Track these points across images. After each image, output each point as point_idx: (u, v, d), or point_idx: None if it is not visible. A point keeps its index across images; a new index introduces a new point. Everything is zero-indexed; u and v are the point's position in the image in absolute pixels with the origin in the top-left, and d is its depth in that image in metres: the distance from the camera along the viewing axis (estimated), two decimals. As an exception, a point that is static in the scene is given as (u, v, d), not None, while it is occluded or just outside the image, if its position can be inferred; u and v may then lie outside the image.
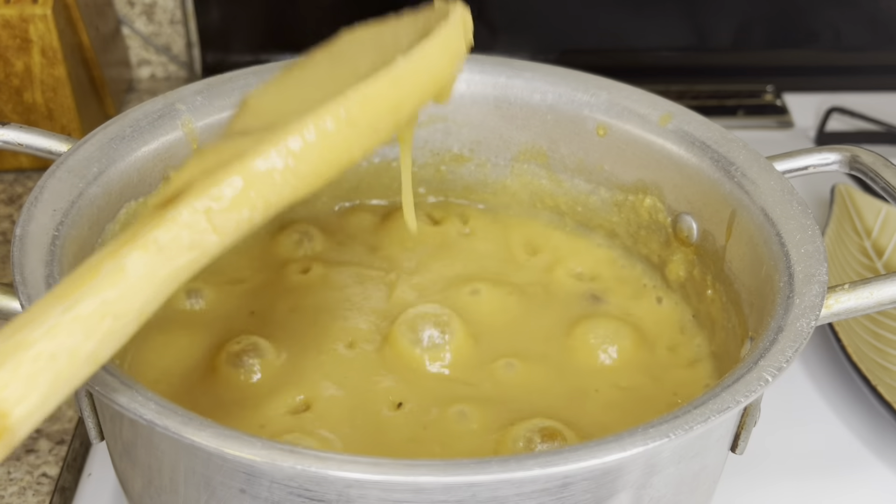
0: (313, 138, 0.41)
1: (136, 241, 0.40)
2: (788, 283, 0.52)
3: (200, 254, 0.41)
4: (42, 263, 0.50)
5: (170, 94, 0.63)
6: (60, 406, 0.68)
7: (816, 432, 0.72)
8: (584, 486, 0.44)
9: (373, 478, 0.40)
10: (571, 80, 0.67)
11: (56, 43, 0.85)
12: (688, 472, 0.49)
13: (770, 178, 0.59)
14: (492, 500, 0.43)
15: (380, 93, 0.43)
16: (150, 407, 0.43)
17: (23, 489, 0.63)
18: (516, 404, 0.57)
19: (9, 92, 0.87)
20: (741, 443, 0.54)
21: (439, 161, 0.72)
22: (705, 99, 1.07)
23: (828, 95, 1.08)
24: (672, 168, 0.64)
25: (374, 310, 0.62)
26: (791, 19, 1.08)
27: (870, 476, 0.69)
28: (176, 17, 1.07)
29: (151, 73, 1.11)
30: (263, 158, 0.41)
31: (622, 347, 0.61)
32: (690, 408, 0.44)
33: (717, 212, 0.61)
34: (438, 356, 0.58)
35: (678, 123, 0.64)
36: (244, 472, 0.44)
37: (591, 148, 0.68)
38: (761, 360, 0.47)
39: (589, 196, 0.69)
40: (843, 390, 0.74)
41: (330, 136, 0.42)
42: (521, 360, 0.59)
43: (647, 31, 1.08)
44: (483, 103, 0.69)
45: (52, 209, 0.53)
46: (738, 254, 0.59)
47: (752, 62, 1.11)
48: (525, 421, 0.54)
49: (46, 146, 0.59)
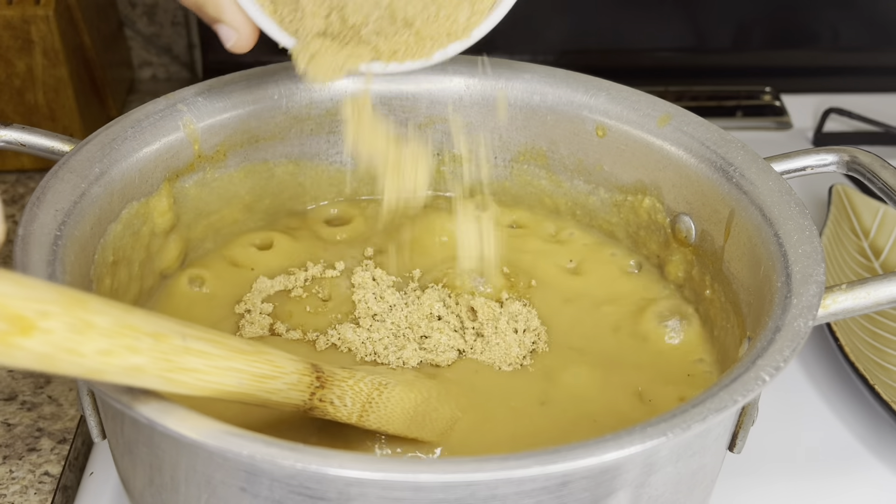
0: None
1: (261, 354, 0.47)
2: (786, 283, 0.52)
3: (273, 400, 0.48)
4: (44, 263, 0.50)
5: (171, 95, 0.64)
6: (62, 405, 0.68)
7: (814, 431, 0.72)
8: (582, 484, 0.44)
9: (373, 476, 0.41)
10: (571, 81, 0.68)
11: (58, 44, 0.85)
12: (686, 471, 0.50)
13: (768, 178, 0.59)
14: (491, 498, 0.43)
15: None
16: (151, 406, 0.43)
17: (25, 488, 0.63)
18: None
19: (10, 92, 0.87)
20: (739, 442, 0.54)
21: (439, 162, 0.72)
22: (704, 100, 1.07)
23: (826, 96, 1.08)
24: (671, 169, 0.64)
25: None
26: (789, 21, 1.08)
27: (867, 474, 0.69)
28: (177, 18, 1.07)
29: (153, 74, 1.11)
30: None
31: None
32: (688, 407, 0.44)
33: (716, 212, 0.61)
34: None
35: (677, 124, 0.64)
36: (244, 470, 0.44)
37: (590, 149, 0.68)
38: (759, 359, 0.47)
39: (588, 196, 0.70)
40: (840, 389, 0.75)
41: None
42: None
43: (646, 33, 1.08)
44: (483, 104, 0.69)
45: (54, 209, 0.53)
46: (736, 254, 0.60)
47: (751, 63, 1.11)
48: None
49: (48, 146, 0.60)
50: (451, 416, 0.55)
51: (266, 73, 0.66)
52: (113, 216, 0.58)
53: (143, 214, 0.61)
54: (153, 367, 0.41)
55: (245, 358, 0.46)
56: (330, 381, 0.50)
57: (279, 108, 0.67)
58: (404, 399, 0.52)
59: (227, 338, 0.46)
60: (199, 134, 0.64)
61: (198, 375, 0.43)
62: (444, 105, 0.70)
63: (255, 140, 0.67)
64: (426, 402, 0.54)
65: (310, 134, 0.69)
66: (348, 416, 0.51)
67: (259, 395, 0.47)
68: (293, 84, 0.67)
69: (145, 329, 0.41)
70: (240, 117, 0.65)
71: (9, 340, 0.36)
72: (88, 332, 0.38)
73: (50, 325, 0.37)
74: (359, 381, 0.51)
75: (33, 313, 0.36)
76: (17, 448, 0.66)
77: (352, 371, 0.52)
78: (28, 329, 0.36)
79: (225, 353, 0.45)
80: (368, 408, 0.51)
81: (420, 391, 0.54)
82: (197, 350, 0.43)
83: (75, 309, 0.38)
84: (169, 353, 0.42)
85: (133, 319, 0.41)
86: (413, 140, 0.59)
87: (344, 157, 0.71)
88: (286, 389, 0.48)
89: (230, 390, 0.45)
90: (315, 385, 0.49)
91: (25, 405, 0.69)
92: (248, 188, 0.68)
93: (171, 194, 0.63)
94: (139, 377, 0.41)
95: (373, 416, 0.51)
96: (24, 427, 0.67)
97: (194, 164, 0.64)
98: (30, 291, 0.37)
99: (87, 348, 0.38)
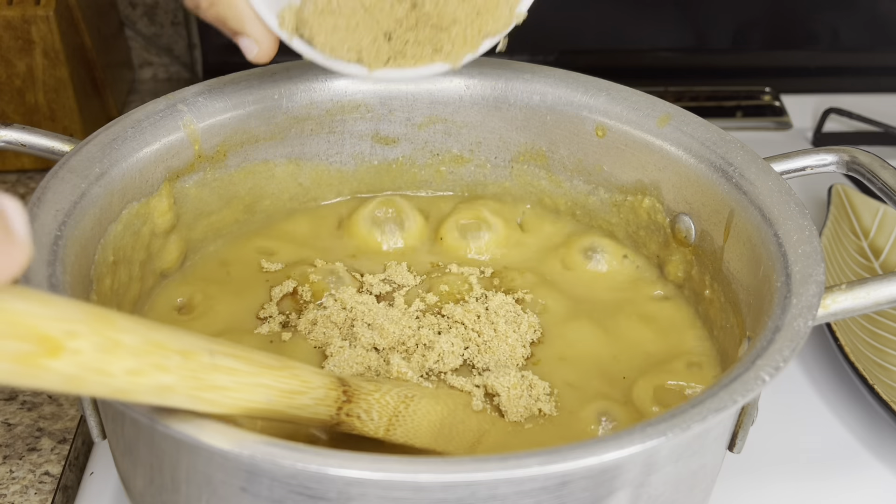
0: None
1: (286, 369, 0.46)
2: (786, 284, 0.52)
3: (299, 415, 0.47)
4: (45, 263, 0.50)
5: (172, 95, 0.64)
6: (62, 405, 0.68)
7: (814, 431, 0.72)
8: (582, 484, 0.44)
9: (373, 476, 0.41)
10: (571, 81, 0.68)
11: (58, 44, 0.85)
12: (686, 471, 0.50)
13: (768, 178, 0.59)
14: (491, 498, 0.43)
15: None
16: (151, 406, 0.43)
17: (25, 487, 0.63)
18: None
19: (11, 93, 0.87)
20: (739, 442, 0.55)
21: (439, 162, 0.72)
22: (704, 100, 1.07)
23: (825, 97, 1.08)
24: (670, 169, 0.64)
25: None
26: (789, 21, 1.08)
27: (867, 474, 0.69)
28: (177, 18, 1.07)
29: (153, 74, 1.11)
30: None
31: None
32: (688, 407, 0.44)
33: (716, 212, 0.61)
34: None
35: (677, 124, 0.64)
36: (245, 470, 0.44)
37: (590, 149, 0.68)
38: (759, 359, 0.47)
39: (588, 197, 0.70)
40: (840, 389, 0.75)
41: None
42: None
43: (645, 33, 1.08)
44: (483, 104, 0.69)
45: (54, 209, 0.53)
46: (736, 254, 0.60)
47: (751, 63, 1.11)
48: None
49: (49, 147, 0.60)
50: (478, 428, 0.55)
51: (266, 73, 0.66)
52: (113, 216, 0.58)
53: (144, 214, 0.61)
54: (182, 386, 0.40)
55: (273, 373, 0.45)
56: (356, 395, 0.49)
57: (279, 108, 0.67)
58: (431, 412, 0.52)
59: (253, 352, 0.45)
60: (200, 134, 0.64)
61: (227, 393, 0.42)
62: (444, 105, 0.70)
63: (256, 140, 0.67)
64: (453, 414, 0.53)
65: (310, 134, 0.69)
66: (375, 430, 0.50)
67: (287, 412, 0.46)
68: (293, 84, 0.67)
69: (173, 346, 0.40)
70: (240, 117, 0.65)
71: (36, 362, 0.34)
72: (117, 352, 0.37)
73: (78, 345, 0.35)
74: (385, 394, 0.50)
75: (61, 333, 0.35)
76: (18, 448, 0.66)
77: (378, 384, 0.51)
78: (56, 350, 0.35)
79: (252, 369, 0.44)
80: (395, 421, 0.50)
81: (447, 403, 0.53)
82: (225, 367, 0.42)
83: (102, 327, 0.37)
84: (197, 371, 0.41)
85: (160, 336, 0.40)
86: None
87: (344, 157, 0.71)
88: (313, 405, 0.47)
89: (259, 407, 0.45)
90: (342, 399, 0.48)
91: (26, 405, 0.69)
92: (249, 188, 0.68)
93: (172, 194, 0.63)
94: (168, 396, 0.40)
95: (400, 429, 0.50)
96: (25, 427, 0.67)
97: (194, 164, 0.64)
98: (55, 310, 0.35)
99: (115, 368, 0.37)
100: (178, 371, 0.40)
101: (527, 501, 0.44)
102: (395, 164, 0.72)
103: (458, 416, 0.54)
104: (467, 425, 0.54)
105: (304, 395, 0.47)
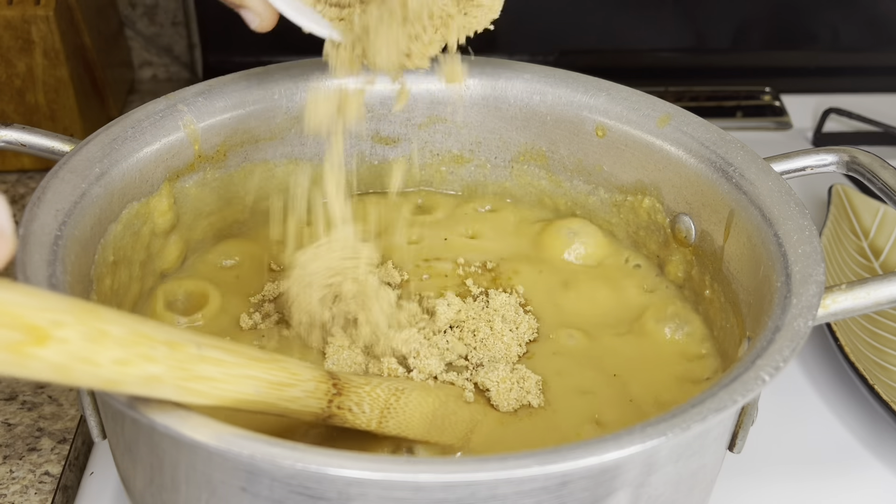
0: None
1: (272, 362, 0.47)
2: (786, 284, 0.52)
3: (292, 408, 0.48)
4: (45, 263, 0.50)
5: (172, 95, 0.64)
6: (63, 404, 0.68)
7: (814, 431, 0.72)
8: (582, 484, 0.44)
9: (372, 476, 0.41)
10: (570, 81, 0.68)
11: (58, 44, 0.85)
12: (686, 471, 0.50)
13: (768, 178, 0.59)
14: (491, 498, 0.43)
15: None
16: (151, 406, 0.43)
17: (25, 487, 0.63)
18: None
19: (11, 93, 0.87)
20: (739, 442, 0.55)
21: (439, 162, 0.72)
22: (704, 100, 1.07)
23: (825, 97, 1.08)
24: (670, 169, 0.64)
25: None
26: (789, 21, 1.08)
27: (867, 474, 0.69)
28: (177, 18, 1.07)
29: (153, 74, 1.11)
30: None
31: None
32: (688, 407, 0.44)
33: (716, 212, 0.61)
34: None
35: (677, 125, 0.64)
36: (245, 470, 0.44)
37: (590, 149, 0.68)
38: (759, 359, 0.47)
39: (588, 197, 0.70)
40: (840, 389, 0.75)
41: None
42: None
43: (645, 33, 1.08)
44: (483, 105, 0.69)
45: (54, 209, 0.53)
46: (736, 254, 0.60)
47: (751, 63, 1.11)
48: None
49: (49, 147, 0.60)
50: (470, 418, 0.55)
51: (266, 73, 0.66)
52: (113, 216, 0.58)
53: (144, 214, 0.61)
54: (169, 377, 0.41)
55: (261, 365, 0.46)
56: (347, 388, 0.50)
57: (279, 108, 0.67)
58: (422, 403, 0.52)
59: (241, 346, 0.46)
60: (200, 134, 0.64)
61: (215, 384, 0.43)
62: (444, 105, 0.70)
63: (256, 140, 0.67)
64: (444, 405, 0.54)
65: (310, 134, 0.69)
66: (367, 423, 0.50)
67: (277, 404, 0.47)
68: (293, 84, 0.67)
69: (159, 338, 0.41)
70: (240, 117, 0.65)
71: (24, 350, 0.36)
72: (103, 341, 0.38)
73: (64, 334, 0.37)
74: (375, 386, 0.51)
75: (47, 322, 0.36)
76: (18, 448, 0.66)
77: (368, 378, 0.52)
78: (42, 338, 0.36)
79: (240, 361, 0.45)
80: (387, 413, 0.51)
81: (437, 395, 0.54)
82: (212, 358, 0.43)
83: (88, 318, 0.38)
84: (185, 362, 0.42)
85: (146, 328, 0.41)
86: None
87: (344, 156, 0.71)
88: (304, 397, 0.48)
89: (248, 399, 0.45)
90: (332, 392, 0.49)
91: (26, 405, 0.69)
92: (249, 188, 0.68)
93: (172, 194, 0.63)
94: (155, 387, 0.41)
95: (392, 421, 0.51)
96: (25, 427, 0.67)
97: (195, 164, 0.64)
98: (41, 301, 0.37)
99: (102, 357, 0.38)
100: (166, 361, 0.41)
101: (527, 501, 0.44)
102: (396, 164, 0.72)
103: (449, 407, 0.54)
104: (459, 416, 0.55)
105: (293, 388, 0.47)
